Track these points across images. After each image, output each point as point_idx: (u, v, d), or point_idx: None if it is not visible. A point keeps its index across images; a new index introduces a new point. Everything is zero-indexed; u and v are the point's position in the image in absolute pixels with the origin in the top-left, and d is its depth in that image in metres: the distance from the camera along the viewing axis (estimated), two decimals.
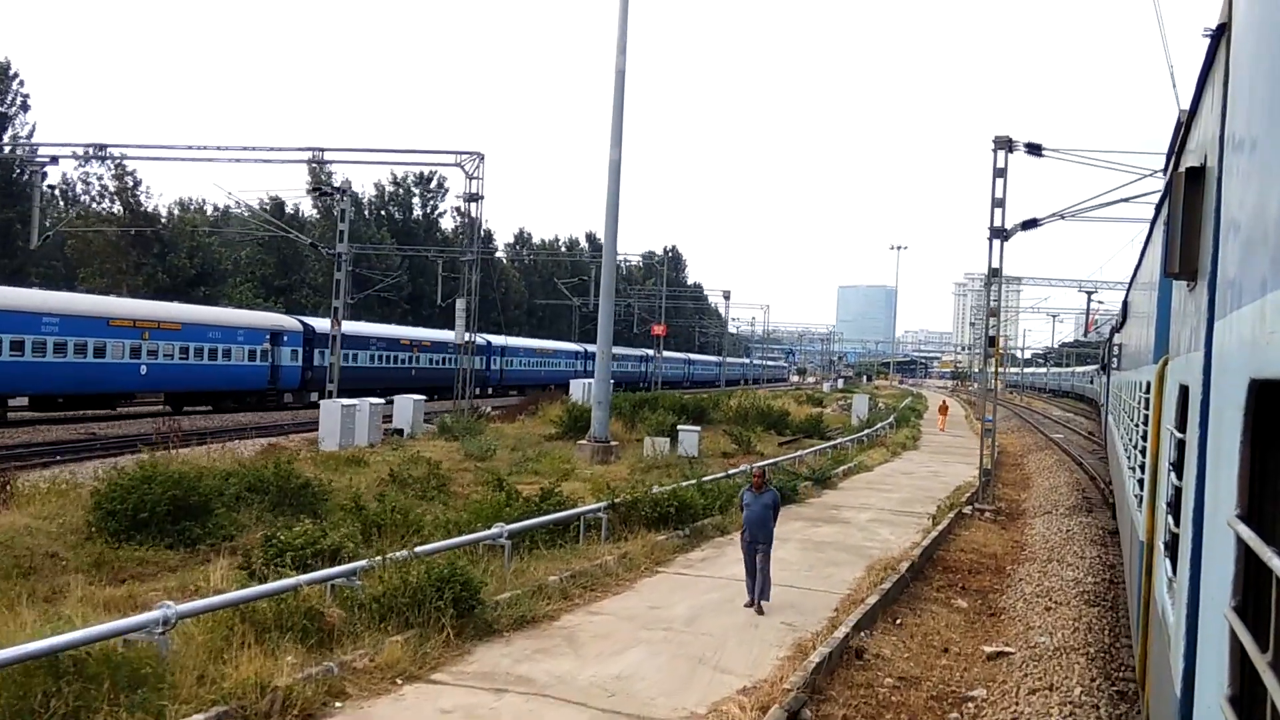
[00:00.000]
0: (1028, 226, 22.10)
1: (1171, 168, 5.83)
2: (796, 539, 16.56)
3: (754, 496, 11.93)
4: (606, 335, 26.68)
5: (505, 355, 66.58)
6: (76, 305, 34.28)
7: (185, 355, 37.39)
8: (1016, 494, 26.06)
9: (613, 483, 22.56)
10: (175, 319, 37.62)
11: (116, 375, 34.15)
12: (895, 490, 24.06)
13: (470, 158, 31.96)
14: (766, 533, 11.67)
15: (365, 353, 49.42)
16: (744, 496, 12.20)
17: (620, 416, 34.04)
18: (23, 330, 30.55)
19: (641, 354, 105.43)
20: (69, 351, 32.05)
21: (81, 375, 32.85)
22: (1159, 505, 5.53)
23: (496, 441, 29.35)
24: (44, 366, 31.33)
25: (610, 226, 26.39)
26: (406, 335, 53.88)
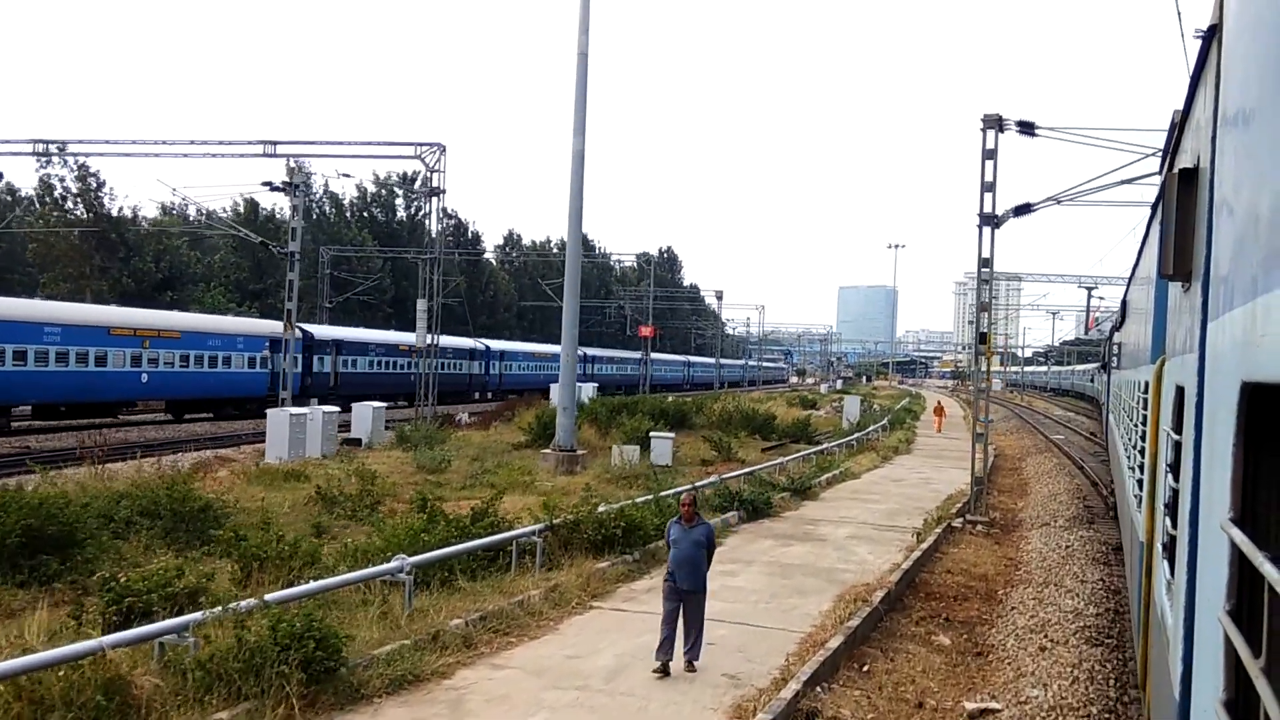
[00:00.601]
0: (1021, 212, 20.29)
1: (1166, 168, 5.75)
2: (762, 561, 14.74)
3: (682, 531, 9.60)
4: (571, 336, 24.89)
5: (504, 360, 66.19)
6: (78, 315, 34.44)
7: (185, 363, 37.56)
8: (1013, 502, 24.23)
9: (572, 496, 20.84)
10: (175, 327, 37.86)
11: (118, 384, 34.38)
12: (881, 501, 22.24)
13: (430, 150, 30.19)
14: (697, 578, 9.44)
15: (364, 359, 49.18)
16: (670, 530, 9.81)
17: (595, 422, 32.25)
18: (25, 340, 30.80)
19: (638, 356, 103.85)
20: (71, 360, 32.33)
21: (83, 384, 33.01)
22: (1158, 506, 5.40)
23: (459, 451, 27.59)
24: (46, 376, 31.62)
25: (574, 220, 24.60)
26: (404, 340, 53.49)
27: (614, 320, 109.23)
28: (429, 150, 30.07)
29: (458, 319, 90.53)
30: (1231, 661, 1.93)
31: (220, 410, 40.18)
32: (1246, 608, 1.98)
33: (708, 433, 32.62)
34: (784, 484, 21.90)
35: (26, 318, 31.40)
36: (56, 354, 31.76)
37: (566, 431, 24.59)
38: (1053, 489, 26.01)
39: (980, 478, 20.59)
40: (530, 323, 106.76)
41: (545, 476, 23.49)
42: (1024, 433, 50.02)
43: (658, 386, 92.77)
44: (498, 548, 13.04)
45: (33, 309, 32.96)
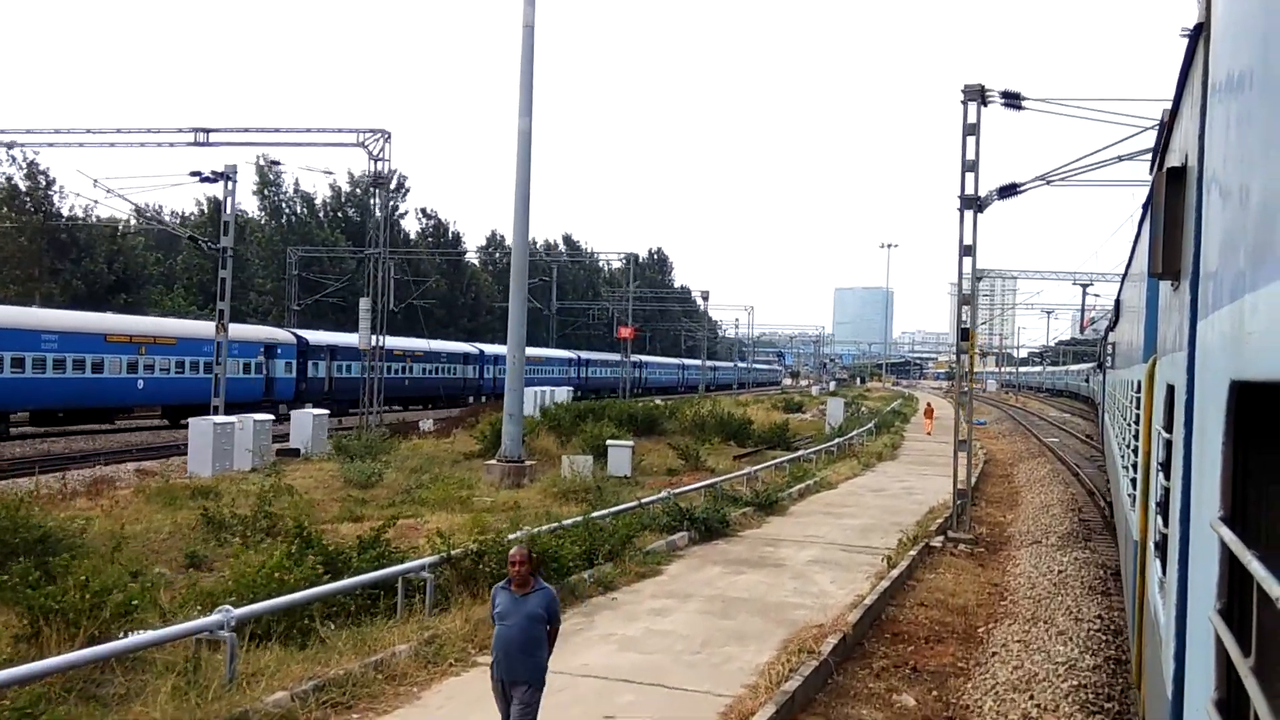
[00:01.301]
0: (1006, 194, 18.21)
1: (1156, 167, 5.73)
2: (703, 595, 12.62)
3: (511, 600, 6.69)
4: (518, 335, 22.75)
5: (498, 364, 64.66)
6: (75, 322, 34.99)
7: (181, 369, 38.09)
8: (1001, 515, 22.13)
9: (514, 513, 18.77)
10: (171, 334, 38.46)
11: (114, 390, 34.99)
12: (856, 515, 20.12)
13: (374, 136, 28.05)
14: (529, 665, 6.57)
15: (358, 364, 48.59)
16: (495, 599, 6.83)
17: (556, 429, 30.11)
18: (23, 347, 31.32)
19: (635, 360, 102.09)
20: (68, 367, 32.90)
21: (80, 390, 33.50)
22: (1150, 505, 5.36)
23: (403, 463, 25.45)
24: (44, 382, 32.08)
25: (520, 206, 22.48)
26: (399, 345, 53.23)
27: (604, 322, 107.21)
28: (372, 137, 27.94)
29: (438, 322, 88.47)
30: (1223, 661, 1.93)
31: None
32: (1237, 607, 1.97)
33: (675, 439, 30.50)
34: (748, 497, 19.78)
35: (25, 325, 31.76)
36: (54, 361, 32.19)
37: (513, 441, 22.46)
38: (1045, 499, 23.91)
39: (964, 490, 18.48)
40: None
41: (486, 491, 21.36)
42: (1017, 436, 47.99)
43: (653, 389, 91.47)
44: (384, 585, 10.93)
45: (31, 317, 33.23)
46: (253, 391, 41.97)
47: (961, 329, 18.24)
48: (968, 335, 18.18)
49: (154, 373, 36.68)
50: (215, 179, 26.93)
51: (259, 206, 68.83)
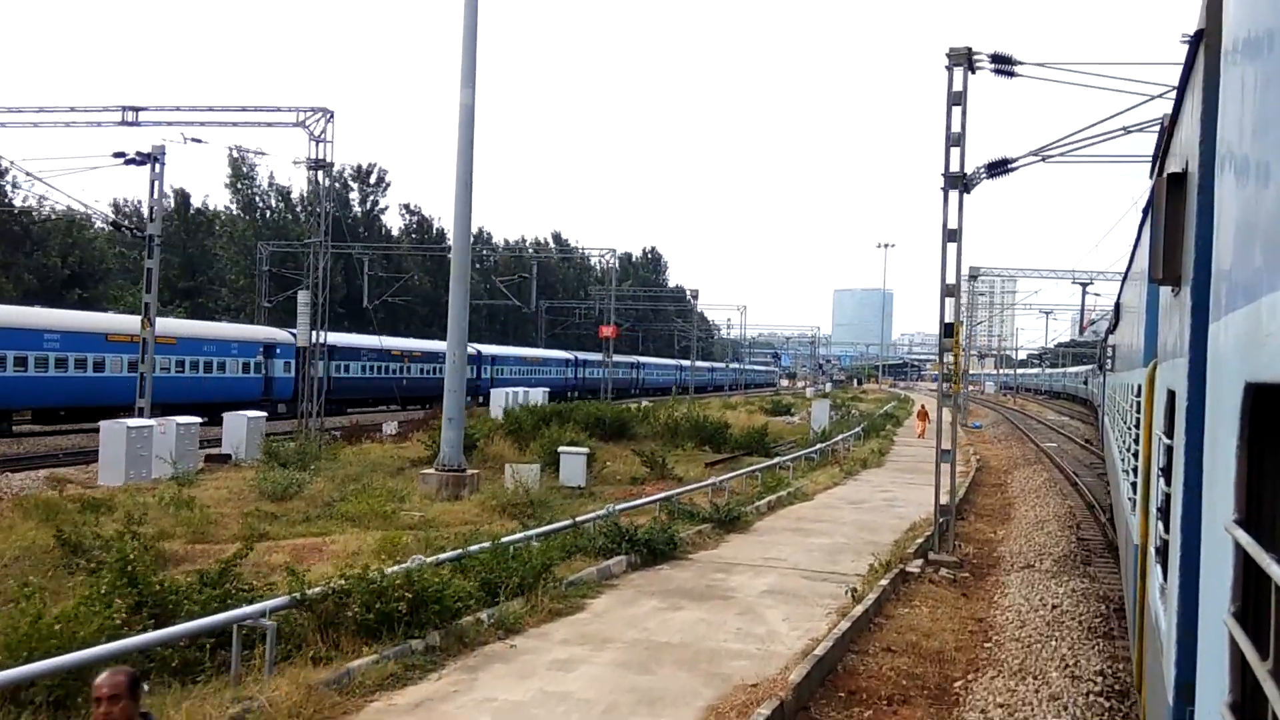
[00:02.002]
0: (997, 171, 16.10)
1: (1155, 173, 5.54)
2: (624, 640, 10.49)
3: None
4: (459, 330, 20.59)
5: (495, 364, 65.66)
6: (76, 322, 35.53)
7: (181, 368, 38.56)
8: (991, 531, 20.01)
9: (444, 529, 16.70)
10: (171, 333, 38.70)
11: (115, 389, 34.81)
12: (827, 532, 18.01)
13: (315, 115, 25.93)
14: None
15: (356, 363, 50.09)
16: None
17: (515, 434, 27.96)
18: (26, 347, 31.81)
19: (632, 361, 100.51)
20: (70, 366, 33.35)
21: (82, 389, 33.84)
22: (1152, 510, 5.41)
23: (341, 470, 23.35)
24: (46, 381, 32.54)
25: (462, 186, 20.35)
26: (397, 346, 55.02)
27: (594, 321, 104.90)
28: (313, 116, 25.82)
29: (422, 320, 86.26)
30: (1237, 664, 1.94)
31: (216, 414, 41.30)
32: (1252, 609, 1.96)
33: (639, 446, 28.37)
34: (706, 513, 17.66)
35: (27, 325, 32.27)
36: (56, 360, 32.66)
37: (453, 447, 20.32)
38: (1041, 513, 21.80)
39: (947, 506, 16.35)
40: (504, 324, 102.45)
41: (419, 503, 19.24)
42: (1013, 440, 45.90)
43: (651, 390, 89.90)
44: (217, 631, 8.81)
45: (33, 317, 33.76)
46: (252, 391, 42.64)
47: (945, 324, 16.11)
48: (952, 331, 16.06)
49: (154, 371, 36.04)
50: (142, 161, 24.81)
51: (231, 200, 66.70)
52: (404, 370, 54.67)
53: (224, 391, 40.68)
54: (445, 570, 11.29)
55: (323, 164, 26.26)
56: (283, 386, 44.59)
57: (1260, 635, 1.81)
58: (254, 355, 42.96)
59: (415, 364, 56.64)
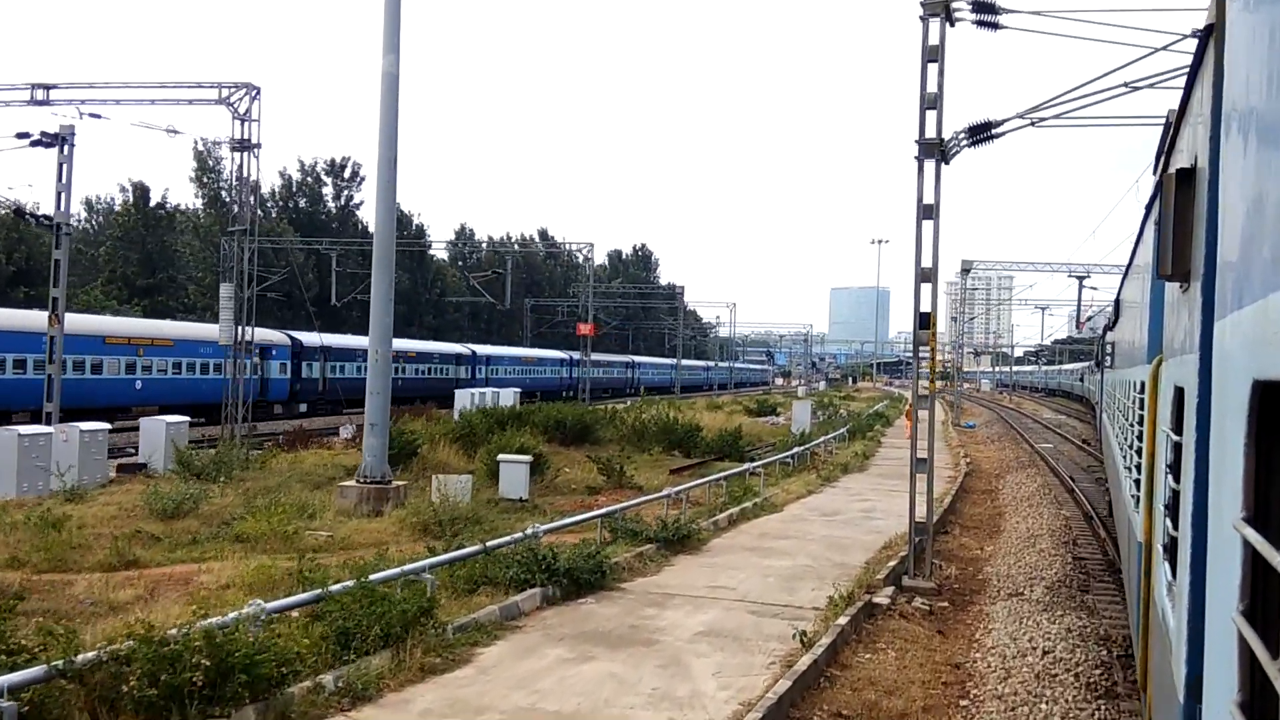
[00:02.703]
0: (979, 137, 13.96)
1: (1161, 168, 5.78)
2: (503, 710, 8.35)
3: None
4: (383, 326, 18.43)
5: (490, 364, 65.62)
6: (75, 325, 35.21)
7: (178, 370, 39.39)
8: (977, 547, 17.90)
9: (355, 553, 14.61)
10: (168, 336, 39.79)
11: (113, 390, 35.95)
12: (791, 551, 15.88)
13: (240, 92, 23.75)
14: None
15: (351, 364, 50.46)
16: None
17: (466, 439, 25.78)
18: (25, 349, 32.32)
19: (628, 360, 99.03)
20: (68, 369, 33.06)
21: (80, 391, 33.80)
22: (1156, 507, 5.43)
23: (260, 481, 21.20)
24: (44, 383, 32.30)
25: (385, 167, 18.19)
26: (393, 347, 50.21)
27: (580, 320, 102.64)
28: (237, 92, 23.63)
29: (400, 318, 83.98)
30: (1246, 662, 1.92)
31: (213, 415, 41.63)
32: (1261, 607, 1.96)
33: (602, 451, 26.22)
34: (652, 531, 15.51)
35: (26, 328, 32.54)
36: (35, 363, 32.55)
37: (375, 457, 18.17)
38: (1033, 525, 19.69)
39: (924, 523, 14.20)
40: (488, 323, 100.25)
41: (333, 520, 17.09)
42: (1007, 441, 43.81)
43: (647, 389, 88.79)
44: None
45: (32, 320, 33.91)
46: (248, 392, 42.63)
47: (921, 314, 13.95)
48: (929, 321, 13.91)
49: (152, 374, 37.92)
50: (50, 142, 22.64)
51: (196, 194, 64.31)
52: (400, 370, 54.48)
53: (220, 392, 41.00)
54: (295, 620, 9.17)
55: (248, 144, 24.07)
56: (278, 387, 45.50)
57: (1270, 633, 1.83)
58: (250, 357, 42.28)
59: (411, 364, 57.04)
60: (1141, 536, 6.32)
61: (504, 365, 69.55)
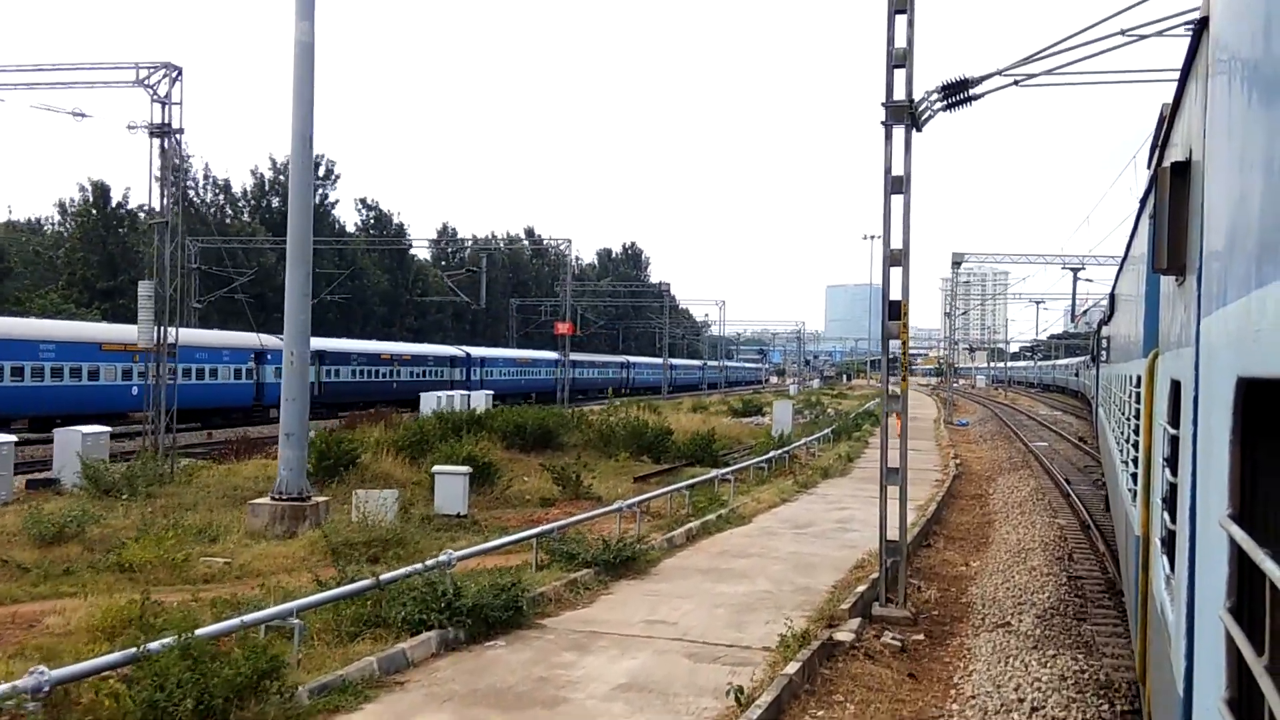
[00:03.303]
0: (954, 98, 12.11)
1: (1156, 161, 5.81)
2: None
3: None
4: (299, 325, 16.54)
5: (485, 366, 65.88)
6: (72, 332, 36.74)
7: (173, 375, 38.88)
8: (962, 562, 16.09)
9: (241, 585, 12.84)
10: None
11: (110, 396, 36.12)
12: (750, 573, 14.05)
13: (160, 73, 21.89)
14: None
15: (347, 368, 51.41)
16: None
17: (414, 446, 23.91)
18: (22, 357, 32.73)
19: (622, 360, 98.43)
20: (65, 376, 34.28)
21: (77, 397, 34.65)
22: (1153, 500, 5.45)
23: (177, 496, 19.36)
24: (42, 390, 33.46)
25: (301, 146, 16.33)
26: (387, 350, 57.09)
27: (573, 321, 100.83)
28: (157, 73, 21.78)
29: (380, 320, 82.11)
30: (1233, 660, 1.91)
31: (209, 419, 41.72)
32: (1247, 605, 1.95)
33: (566, 457, 24.36)
34: (591, 553, 13.66)
35: (23, 336, 33.13)
36: (51, 370, 33.63)
37: (292, 471, 16.31)
38: (1025, 536, 17.88)
39: (895, 545, 12.34)
40: (472, 324, 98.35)
41: (239, 542, 15.23)
42: (1000, 439, 42.01)
43: (641, 389, 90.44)
44: None
45: (30, 328, 34.92)
46: (244, 397, 43.87)
47: (890, 302, 12.11)
48: (899, 311, 12.06)
49: (147, 379, 37.36)
50: None
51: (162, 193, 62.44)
52: (394, 374, 55.65)
53: (217, 398, 42.37)
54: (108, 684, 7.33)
55: (168, 129, 22.22)
56: (272, 392, 45.00)
57: (1256, 631, 1.81)
58: (245, 362, 44.08)
59: (405, 367, 57.61)
60: (1139, 530, 6.30)
61: (498, 367, 69.69)
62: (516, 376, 71.57)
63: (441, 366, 61.84)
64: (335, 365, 50.94)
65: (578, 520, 15.96)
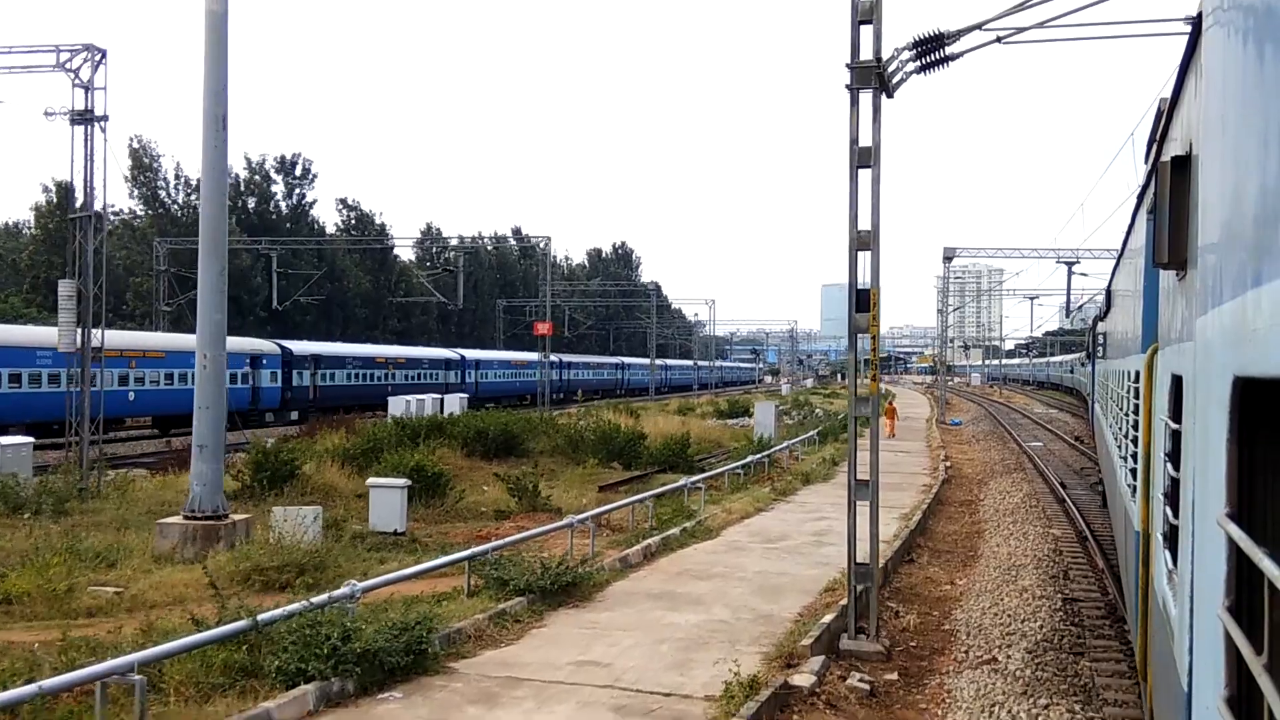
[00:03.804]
0: (930, 58, 10.57)
1: (1155, 156, 5.84)
2: None
3: None
4: (213, 325, 14.93)
5: (479, 369, 66.06)
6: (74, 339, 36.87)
7: (170, 381, 39.66)
8: (947, 580, 14.58)
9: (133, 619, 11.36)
10: (160, 348, 40.61)
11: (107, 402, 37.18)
12: (707, 599, 12.53)
13: (81, 55, 20.27)
14: None
15: (342, 372, 51.67)
16: None
17: (365, 456, 22.33)
18: (20, 364, 33.16)
19: (616, 361, 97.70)
20: (62, 382, 34.30)
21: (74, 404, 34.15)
22: (1154, 495, 5.46)
23: (90, 514, 17.80)
24: (39, 397, 33.41)
25: (213, 126, 14.77)
26: (382, 353, 57.71)
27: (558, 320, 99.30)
28: (76, 56, 20.12)
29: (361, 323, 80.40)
30: (1232, 658, 1.90)
31: None
32: (1246, 604, 1.93)
33: (531, 464, 22.79)
34: (525, 580, 12.10)
35: (21, 344, 33.42)
36: (49, 376, 33.34)
37: (206, 486, 14.72)
38: (1017, 549, 16.38)
39: (866, 569, 10.80)
40: (458, 326, 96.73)
41: (141, 566, 13.68)
42: (993, 440, 40.52)
43: (636, 390, 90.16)
44: None
45: (27, 335, 34.97)
46: (240, 401, 44.02)
47: (857, 290, 10.58)
48: (866, 302, 10.53)
49: (144, 385, 38.49)
50: None
51: (130, 194, 60.67)
52: (389, 377, 55.61)
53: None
54: None
55: (91, 116, 20.63)
56: (269, 396, 46.41)
57: (1254, 629, 1.80)
58: (242, 366, 44.24)
59: (400, 370, 57.61)
60: (1139, 525, 6.30)
61: (493, 369, 69.55)
62: (511, 379, 71.29)
63: (436, 369, 61.73)
64: (331, 369, 51.17)
65: (521, 538, 14.43)
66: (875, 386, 10.90)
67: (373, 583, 10.88)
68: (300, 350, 49.35)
